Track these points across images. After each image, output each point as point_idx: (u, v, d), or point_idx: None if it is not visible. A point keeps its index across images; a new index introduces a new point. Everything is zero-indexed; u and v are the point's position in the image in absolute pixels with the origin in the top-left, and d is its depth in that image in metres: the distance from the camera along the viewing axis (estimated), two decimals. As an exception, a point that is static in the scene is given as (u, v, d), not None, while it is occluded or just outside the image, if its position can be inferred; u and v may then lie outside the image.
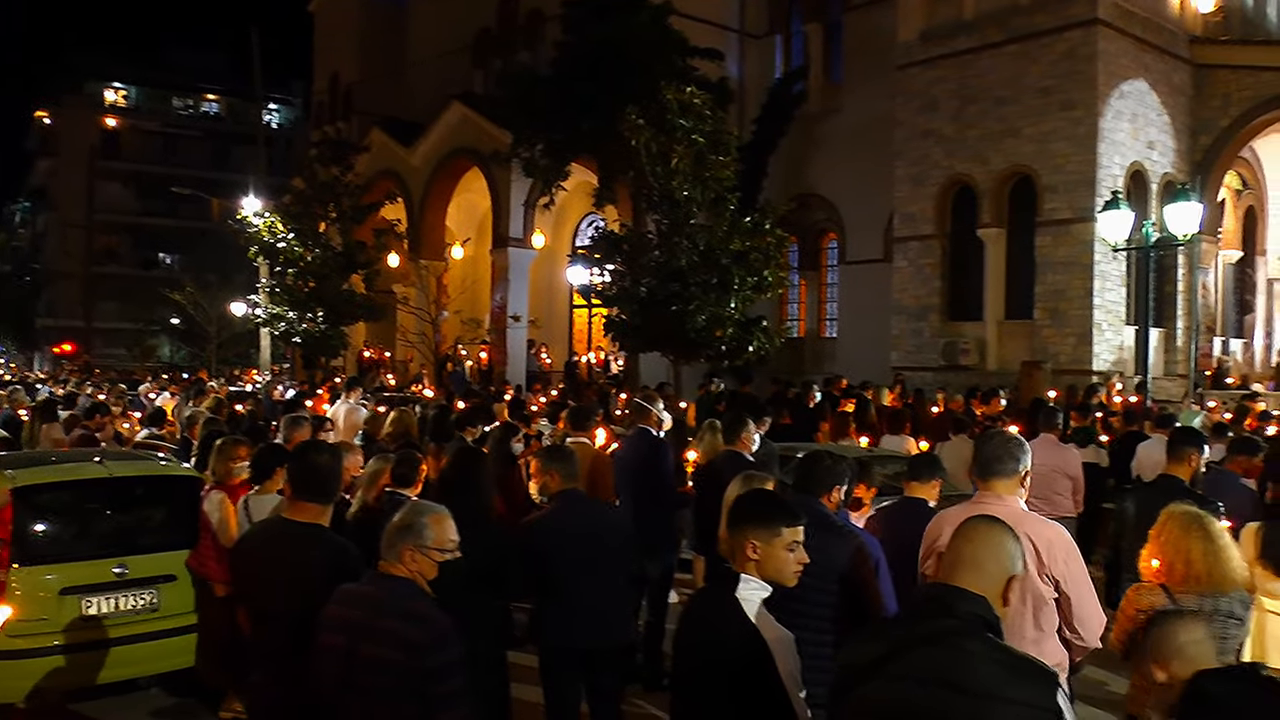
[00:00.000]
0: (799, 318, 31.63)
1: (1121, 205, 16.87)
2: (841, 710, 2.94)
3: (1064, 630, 4.49)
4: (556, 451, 6.24)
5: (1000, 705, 2.68)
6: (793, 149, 29.12)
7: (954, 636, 2.79)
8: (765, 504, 3.76)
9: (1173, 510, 4.88)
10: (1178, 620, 2.90)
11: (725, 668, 3.40)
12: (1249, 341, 28.35)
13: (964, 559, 2.99)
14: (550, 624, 5.73)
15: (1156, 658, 2.93)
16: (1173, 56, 23.71)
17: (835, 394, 17.42)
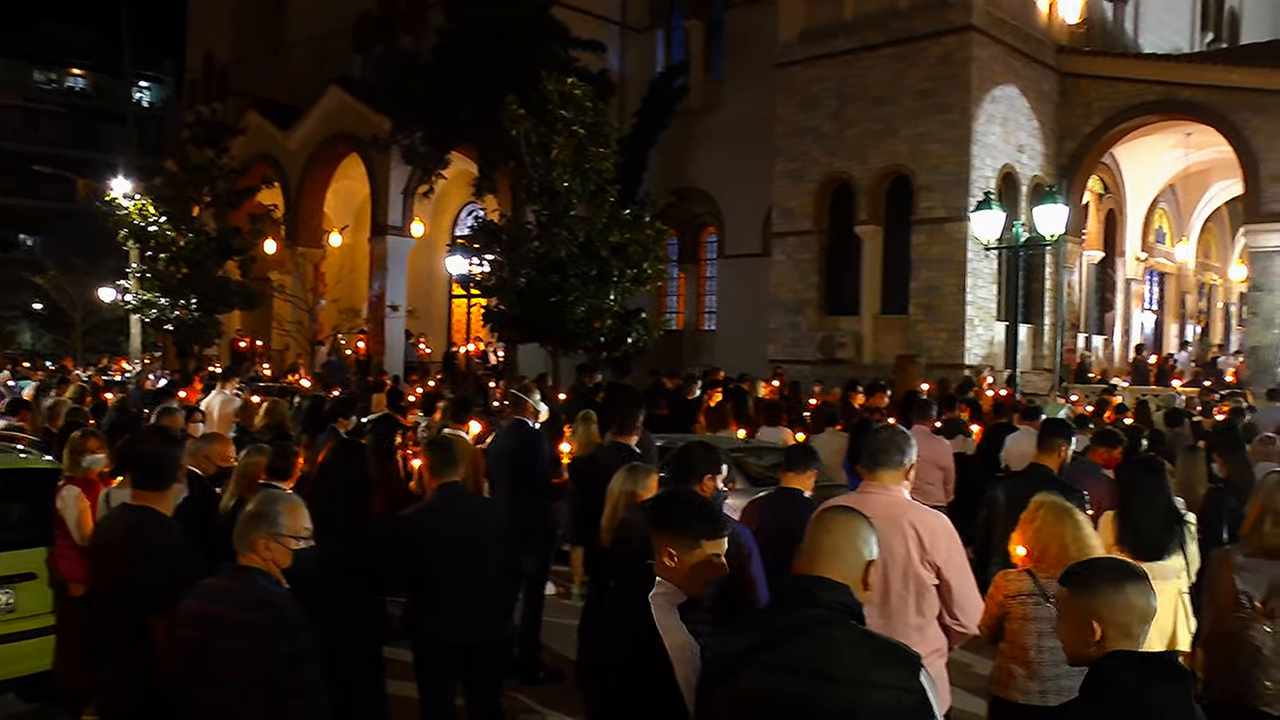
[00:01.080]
0: (678, 310, 31.89)
1: (993, 206, 17.34)
2: (713, 701, 2.97)
3: (944, 616, 4.60)
4: (437, 443, 6.17)
5: (866, 689, 2.74)
6: (673, 143, 29.27)
7: (820, 625, 2.85)
8: (689, 512, 3.65)
9: (1044, 499, 5.06)
10: (1136, 583, 2.91)
11: (623, 669, 3.40)
12: (1109, 338, 29.48)
13: (824, 549, 3.03)
14: (426, 618, 5.67)
15: (1099, 616, 2.87)
16: (1041, 64, 24.45)
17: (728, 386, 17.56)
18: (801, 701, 2.77)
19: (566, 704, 7.42)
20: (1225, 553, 5.17)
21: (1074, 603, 2.95)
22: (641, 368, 22.23)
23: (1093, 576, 2.97)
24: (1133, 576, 2.94)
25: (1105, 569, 3.00)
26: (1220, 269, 36.08)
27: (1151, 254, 31.02)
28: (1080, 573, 3.02)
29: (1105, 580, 2.92)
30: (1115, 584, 2.90)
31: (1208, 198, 32.47)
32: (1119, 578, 2.93)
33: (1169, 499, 6.37)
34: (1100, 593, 2.89)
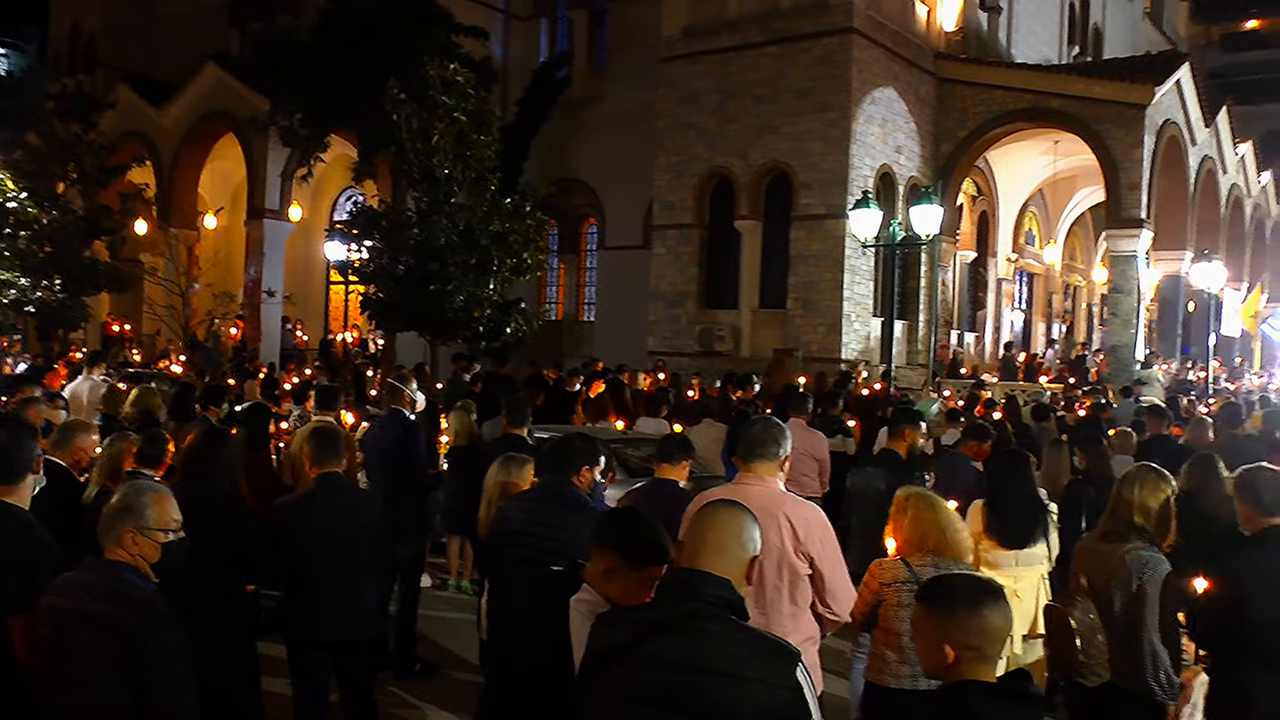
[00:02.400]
0: (558, 301, 31.80)
1: (871, 204, 17.67)
2: (590, 696, 2.96)
3: (817, 605, 4.67)
4: (320, 431, 6.06)
5: (743, 684, 2.76)
6: (555, 133, 29.12)
7: (699, 619, 2.85)
8: (641, 536, 3.63)
9: (913, 491, 5.21)
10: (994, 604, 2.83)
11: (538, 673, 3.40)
12: (980, 335, 30.33)
13: (707, 543, 3.03)
14: (299, 612, 5.56)
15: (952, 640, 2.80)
16: (919, 69, 25.00)
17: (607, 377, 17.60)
18: (678, 696, 2.78)
19: (442, 698, 7.39)
20: (1083, 539, 5.40)
21: (929, 623, 2.88)
22: (521, 358, 22.15)
23: (951, 599, 2.86)
24: (990, 596, 2.87)
25: (964, 590, 2.90)
26: (1084, 271, 37.41)
27: (1021, 255, 32.04)
28: (938, 593, 2.93)
29: (963, 603, 2.83)
30: (972, 608, 2.81)
31: (1074, 203, 33.64)
32: (976, 600, 2.84)
33: (1034, 490, 6.66)
34: (957, 617, 2.81)
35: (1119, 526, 4.93)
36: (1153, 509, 4.89)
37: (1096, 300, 36.75)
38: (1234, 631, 4.59)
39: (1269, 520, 4.67)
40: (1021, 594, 6.48)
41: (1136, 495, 4.91)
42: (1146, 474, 5.04)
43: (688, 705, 2.77)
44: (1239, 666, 4.63)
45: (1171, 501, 4.98)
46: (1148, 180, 23.99)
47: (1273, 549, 4.62)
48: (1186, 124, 26.51)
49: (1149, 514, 4.88)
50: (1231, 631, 4.61)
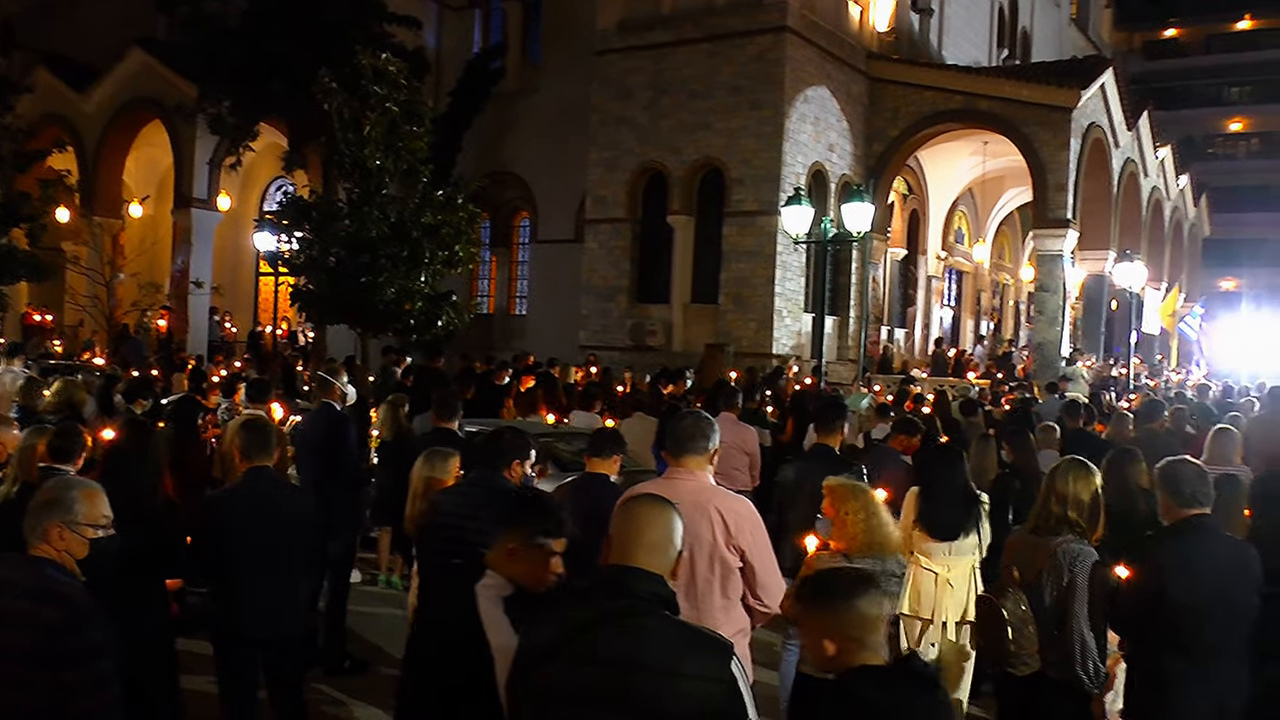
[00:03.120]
0: (489, 294, 31.68)
1: (803, 201, 17.79)
2: (522, 693, 2.95)
3: (748, 597, 4.69)
4: (251, 425, 5.96)
5: (677, 680, 2.76)
6: (488, 125, 28.97)
7: (632, 616, 2.85)
8: (535, 511, 3.70)
9: (850, 485, 5.26)
10: (867, 595, 2.90)
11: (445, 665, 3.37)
12: (910, 331, 30.72)
13: (637, 539, 3.02)
14: (228, 608, 5.46)
15: (831, 634, 2.87)
16: (852, 68, 25.22)
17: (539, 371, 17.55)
18: (612, 693, 2.77)
19: (373, 694, 7.32)
20: (1014, 532, 5.49)
21: (810, 620, 2.95)
22: (452, 351, 22.02)
23: (827, 595, 2.92)
24: (864, 588, 2.92)
25: (838, 585, 2.95)
26: (1012, 269, 38.00)
27: (951, 253, 32.49)
28: (814, 591, 2.98)
29: (839, 597, 2.89)
30: (847, 600, 2.87)
31: (1002, 203, 34.17)
32: (851, 593, 2.89)
33: (966, 483, 6.79)
34: (834, 611, 2.86)
35: (1050, 519, 5.02)
36: (1084, 501, 4.99)
37: (1024, 298, 37.33)
38: (1153, 620, 4.70)
39: (1187, 511, 4.78)
40: (954, 583, 6.60)
41: (1069, 488, 5.00)
42: (1076, 467, 5.13)
43: (622, 702, 2.76)
44: (1157, 654, 4.74)
45: (1099, 494, 5.07)
46: (1073, 182, 24.44)
47: (1190, 539, 4.74)
48: (1110, 128, 27.04)
49: (1080, 507, 4.98)
50: (1150, 620, 4.71)
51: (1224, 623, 4.63)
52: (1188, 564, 4.66)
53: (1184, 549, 4.73)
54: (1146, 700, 4.83)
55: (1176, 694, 4.66)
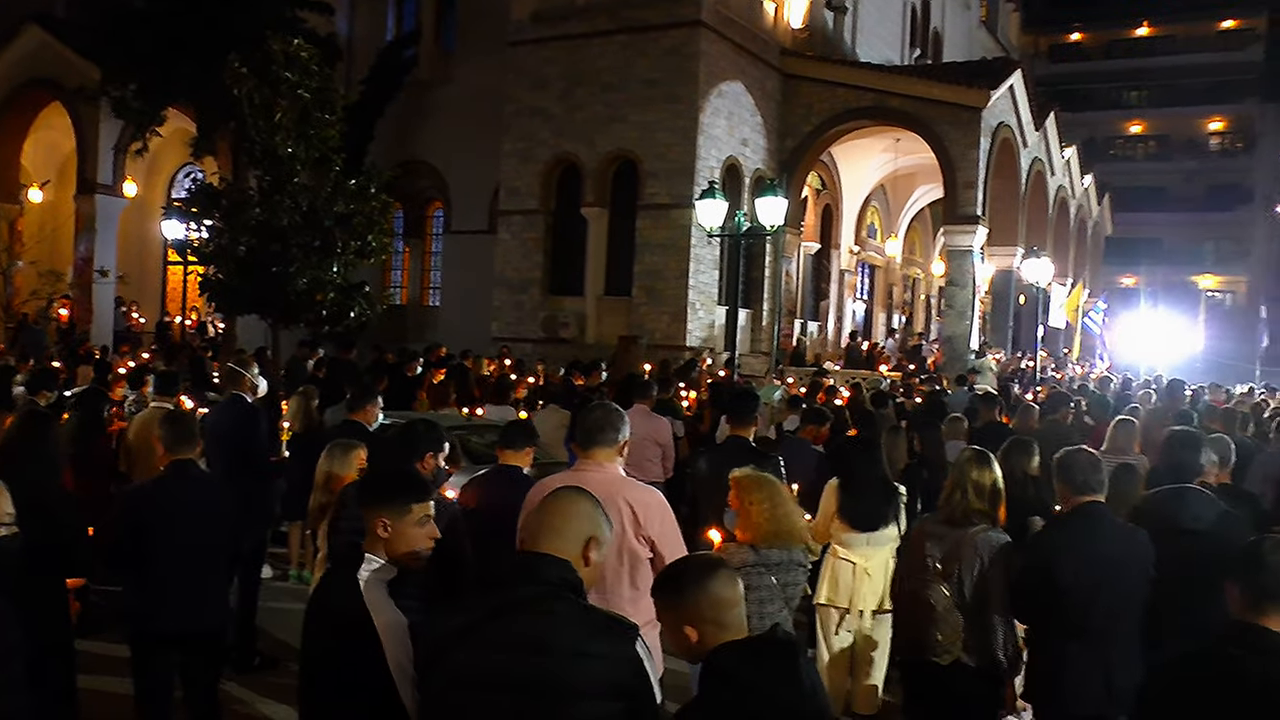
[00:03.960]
0: (402, 285, 31.36)
1: (717, 195, 17.86)
2: (432, 682, 2.97)
3: (657, 588, 4.74)
4: (174, 417, 5.81)
5: (584, 661, 2.81)
6: (401, 114, 28.62)
7: (540, 601, 2.89)
8: (394, 482, 3.72)
9: (747, 477, 5.30)
10: (718, 577, 2.92)
11: (333, 652, 3.35)
12: (823, 324, 31.07)
13: (546, 526, 3.07)
14: (145, 605, 5.33)
15: (690, 620, 2.86)
16: (766, 64, 25.40)
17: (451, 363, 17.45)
18: (520, 676, 2.81)
19: (283, 692, 7.20)
20: (922, 521, 5.61)
21: (667, 612, 2.94)
22: (365, 343, 21.77)
23: (679, 583, 2.94)
24: (713, 571, 2.94)
25: (690, 571, 2.97)
26: (923, 264, 38.64)
27: (863, 248, 32.92)
28: (667, 582, 2.99)
29: (691, 583, 2.90)
30: (700, 584, 2.88)
31: (914, 199, 34.71)
32: (703, 576, 2.91)
33: (884, 474, 6.93)
34: (688, 597, 2.88)
35: (959, 509, 5.12)
36: (988, 489, 5.11)
37: (934, 292, 38.02)
38: (1047, 603, 4.85)
39: (1080, 498, 4.94)
40: (871, 572, 6.72)
41: (975, 478, 5.11)
42: (980, 457, 5.26)
43: (530, 685, 2.81)
44: (1052, 637, 4.90)
45: (999, 480, 5.19)
46: (983, 180, 24.91)
47: (1079, 525, 4.91)
48: (1019, 127, 27.61)
49: (985, 495, 5.09)
50: (1045, 603, 4.87)
51: (1113, 606, 4.78)
52: (1078, 549, 4.81)
53: (1071, 534, 4.90)
54: (1043, 682, 4.99)
55: (1070, 675, 4.82)
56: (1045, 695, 5.01)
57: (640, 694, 2.89)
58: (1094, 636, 4.77)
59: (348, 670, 3.32)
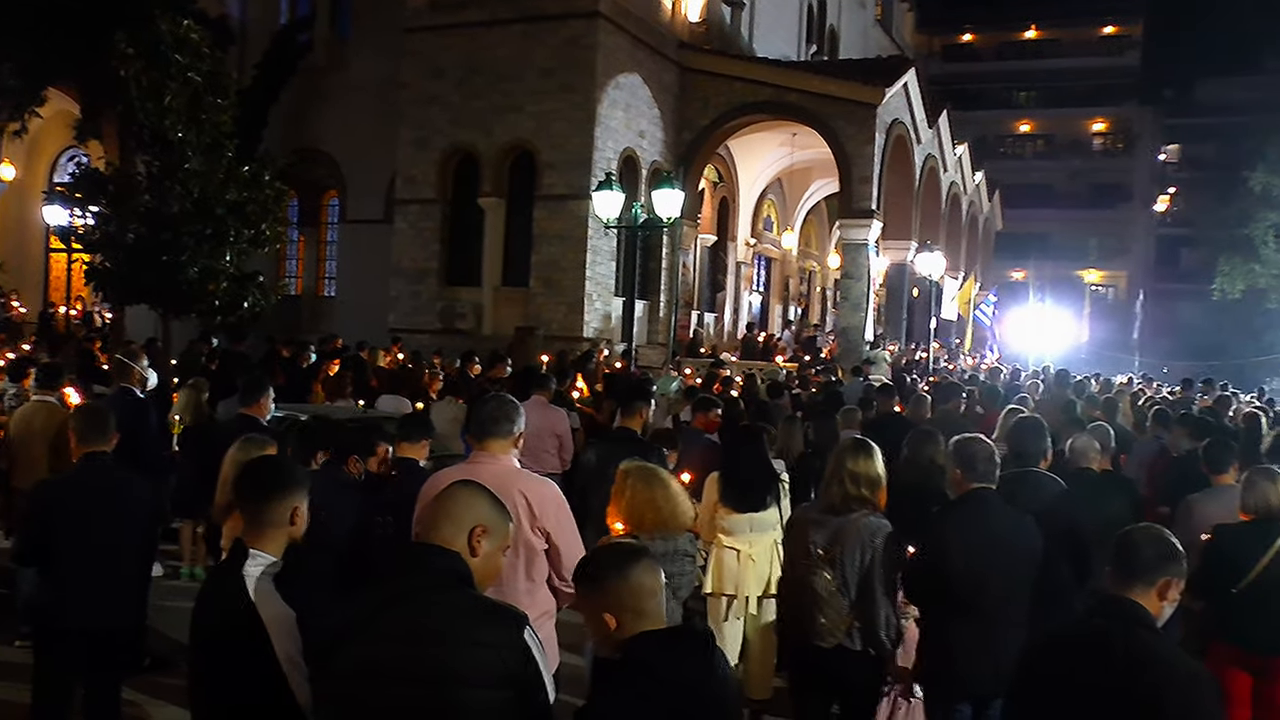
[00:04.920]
0: (297, 275, 30.79)
1: (614, 186, 17.88)
2: (325, 674, 2.97)
3: (553, 579, 4.74)
4: (88, 409, 5.70)
5: (473, 650, 2.84)
6: (296, 101, 28.05)
7: (429, 592, 2.92)
8: (277, 472, 3.70)
9: (631, 467, 5.33)
10: (639, 565, 2.97)
11: (222, 649, 3.31)
12: (720, 316, 31.30)
13: (435, 519, 3.10)
14: (53, 600, 5.21)
15: (610, 608, 2.92)
16: (663, 57, 25.48)
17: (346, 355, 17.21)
18: (410, 667, 2.83)
19: (175, 693, 7.03)
20: (803, 509, 5.71)
21: (587, 600, 3.00)
22: (259, 334, 21.36)
23: (600, 571, 2.99)
24: (634, 559, 3.00)
25: (611, 559, 3.02)
26: (819, 257, 39.16)
27: (760, 240, 33.23)
28: (587, 570, 3.05)
29: (611, 571, 2.95)
30: (621, 572, 2.94)
31: (810, 193, 35.13)
32: (624, 564, 2.97)
33: (767, 460, 7.00)
34: (608, 585, 2.93)
35: (838, 497, 5.21)
36: (869, 478, 5.20)
37: (830, 285, 38.53)
38: (937, 586, 5.01)
39: (972, 485, 5.12)
40: (756, 558, 6.80)
41: (855, 467, 5.20)
42: (857, 446, 5.35)
43: (422, 675, 2.82)
44: (942, 618, 5.07)
45: (882, 471, 5.28)
46: (878, 175, 25.31)
47: (969, 510, 5.09)
48: (913, 124, 28.11)
49: (866, 483, 5.19)
50: (935, 585, 5.03)
51: (1002, 589, 4.93)
52: (963, 532, 4.98)
53: (962, 519, 5.07)
54: (934, 663, 5.14)
55: (959, 657, 4.98)
56: (935, 675, 5.16)
57: (529, 682, 2.92)
58: (983, 618, 4.92)
59: (237, 666, 3.28)
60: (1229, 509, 5.98)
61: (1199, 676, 3.20)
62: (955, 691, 5.07)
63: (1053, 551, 5.19)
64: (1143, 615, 3.29)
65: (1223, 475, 6.68)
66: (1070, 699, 3.26)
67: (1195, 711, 3.09)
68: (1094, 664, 3.25)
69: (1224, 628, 5.68)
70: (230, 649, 3.28)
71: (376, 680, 2.84)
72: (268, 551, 3.46)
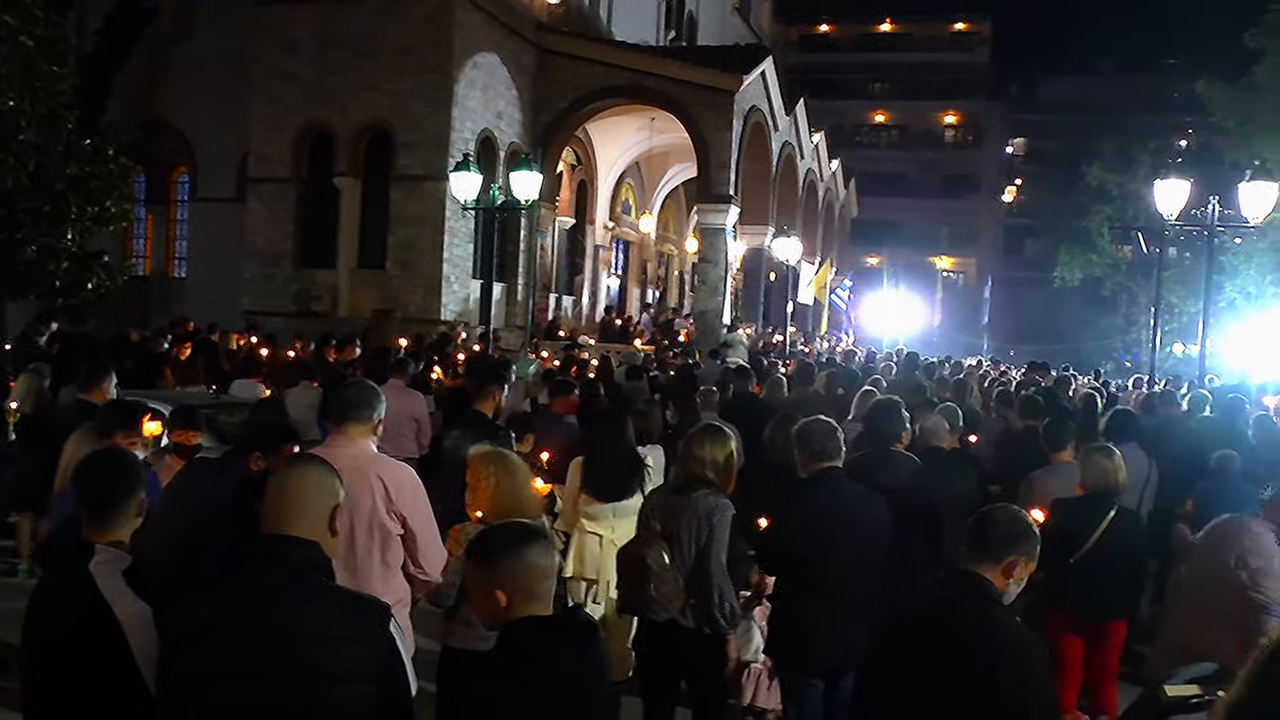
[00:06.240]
0: (145, 255, 29.67)
1: (472, 167, 17.71)
2: (177, 675, 2.83)
3: (408, 566, 4.69)
4: None
5: (336, 644, 2.77)
6: (143, 71, 26.80)
7: (286, 585, 2.83)
8: (122, 465, 3.57)
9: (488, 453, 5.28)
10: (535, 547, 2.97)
11: (70, 651, 3.14)
12: (578, 299, 31.30)
13: (288, 506, 2.99)
14: None
15: (501, 585, 2.90)
16: (521, 38, 25.28)
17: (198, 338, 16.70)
18: (271, 664, 2.74)
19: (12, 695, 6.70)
20: (653, 491, 5.77)
21: (479, 575, 2.99)
22: (105, 316, 20.56)
23: (494, 548, 2.98)
24: (532, 540, 2.99)
25: (507, 538, 3.01)
26: (677, 241, 39.44)
27: (619, 224, 33.30)
28: (482, 545, 3.04)
29: (506, 549, 2.95)
30: (515, 551, 2.94)
31: (668, 177, 35.33)
32: (519, 544, 2.96)
33: (631, 446, 7.01)
34: (502, 563, 2.92)
35: (684, 478, 5.27)
36: (718, 462, 5.24)
37: (688, 269, 38.88)
38: (787, 563, 5.16)
39: (819, 465, 5.25)
40: (618, 542, 6.77)
41: (704, 452, 5.24)
42: (711, 432, 5.39)
43: (282, 672, 2.74)
44: (792, 596, 5.20)
45: (733, 454, 5.34)
46: (735, 161, 25.60)
47: (816, 490, 5.21)
48: (770, 112, 28.50)
49: (714, 466, 5.22)
50: (786, 563, 5.17)
51: (849, 566, 5.05)
52: (816, 513, 5.09)
53: (809, 499, 5.18)
54: (783, 639, 5.27)
55: (810, 632, 5.09)
56: (785, 650, 5.29)
57: (394, 675, 2.88)
58: (832, 594, 5.04)
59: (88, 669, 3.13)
60: (1067, 484, 6.23)
61: (1030, 646, 3.32)
62: (807, 666, 5.18)
63: (909, 528, 5.32)
64: (988, 589, 3.39)
65: (1061, 453, 6.96)
66: (916, 670, 3.34)
67: (1025, 679, 3.19)
68: (938, 636, 3.34)
69: (1061, 597, 5.95)
70: (81, 651, 3.13)
71: (234, 680, 2.74)
72: (115, 546, 3.32)
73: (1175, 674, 3.33)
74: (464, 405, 12.06)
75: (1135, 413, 9.21)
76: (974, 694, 3.18)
